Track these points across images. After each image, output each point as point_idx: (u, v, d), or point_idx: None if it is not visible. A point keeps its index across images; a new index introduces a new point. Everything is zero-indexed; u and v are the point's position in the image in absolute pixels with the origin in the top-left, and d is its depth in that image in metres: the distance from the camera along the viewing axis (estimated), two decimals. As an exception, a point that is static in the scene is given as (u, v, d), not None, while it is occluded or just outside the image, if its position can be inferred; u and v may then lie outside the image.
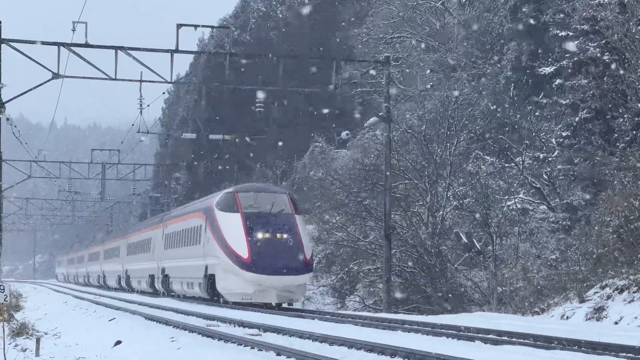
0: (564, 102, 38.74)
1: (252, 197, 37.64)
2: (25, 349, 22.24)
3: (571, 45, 37.70)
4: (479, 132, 46.03)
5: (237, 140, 70.89)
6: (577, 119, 37.08)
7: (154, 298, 49.38)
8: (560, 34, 41.06)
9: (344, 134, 53.26)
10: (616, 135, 34.93)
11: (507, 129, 44.85)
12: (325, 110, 69.15)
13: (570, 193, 38.00)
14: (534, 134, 41.56)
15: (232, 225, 36.59)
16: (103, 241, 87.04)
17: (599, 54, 35.61)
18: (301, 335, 21.22)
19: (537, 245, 37.43)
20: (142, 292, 58.54)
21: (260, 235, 35.89)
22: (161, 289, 50.63)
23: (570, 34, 39.24)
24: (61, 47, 35.40)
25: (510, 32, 47.04)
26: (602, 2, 35.55)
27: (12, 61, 39.36)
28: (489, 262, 39.40)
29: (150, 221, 63.22)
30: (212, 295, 39.08)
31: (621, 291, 27.57)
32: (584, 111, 36.87)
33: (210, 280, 38.42)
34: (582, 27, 37.02)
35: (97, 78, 36.47)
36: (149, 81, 37.88)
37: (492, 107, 46.65)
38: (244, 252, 35.55)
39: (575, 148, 37.59)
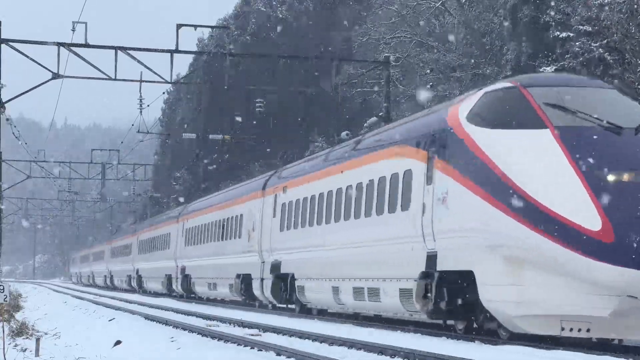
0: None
1: (564, 96, 18.24)
2: (25, 349, 22.18)
3: (573, 46, 37.72)
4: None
5: (236, 140, 70.89)
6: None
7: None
8: (560, 35, 41.05)
9: (343, 134, 53.23)
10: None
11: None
12: (325, 110, 69.16)
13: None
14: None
15: (534, 159, 17.49)
16: (136, 230, 66.97)
17: (604, 55, 35.66)
18: (301, 335, 21.21)
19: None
20: (209, 300, 43.61)
21: (613, 177, 16.70)
22: (268, 297, 32.10)
23: (571, 34, 39.26)
24: (61, 47, 35.42)
25: (510, 32, 47.05)
26: (603, 2, 35.58)
27: (12, 61, 39.41)
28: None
29: (233, 190, 40.54)
30: (448, 316, 20.27)
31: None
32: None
33: (443, 286, 19.46)
34: (584, 27, 37.04)
35: (97, 78, 36.54)
36: (149, 81, 38.03)
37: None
38: (587, 216, 16.41)
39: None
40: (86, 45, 35.37)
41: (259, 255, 32.78)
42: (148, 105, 45.99)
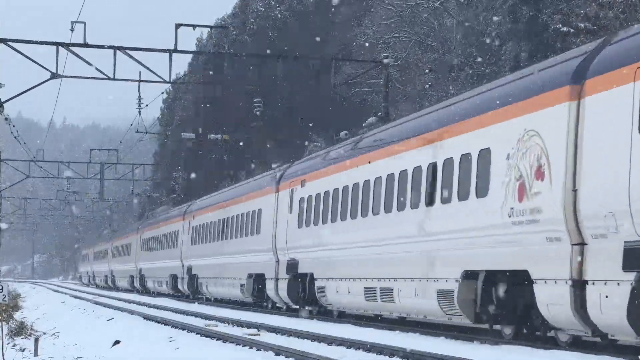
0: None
1: None
2: (24, 349, 22.20)
3: (573, 43, 37.75)
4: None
5: (235, 140, 70.79)
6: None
7: (153, 298, 48.07)
8: (562, 29, 41.10)
9: (342, 134, 53.22)
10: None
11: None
12: (324, 110, 69.15)
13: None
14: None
15: None
16: (186, 212, 47.55)
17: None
18: (300, 335, 21.19)
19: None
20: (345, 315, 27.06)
21: None
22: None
23: (572, 30, 39.31)
24: (60, 47, 35.35)
25: (509, 32, 47.05)
26: (602, 1, 35.60)
27: (11, 61, 39.36)
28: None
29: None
30: None
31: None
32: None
33: None
34: (585, 24, 37.05)
35: (96, 78, 36.44)
36: (148, 81, 37.93)
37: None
38: None
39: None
40: (85, 45, 35.29)
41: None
42: (147, 105, 45.91)
